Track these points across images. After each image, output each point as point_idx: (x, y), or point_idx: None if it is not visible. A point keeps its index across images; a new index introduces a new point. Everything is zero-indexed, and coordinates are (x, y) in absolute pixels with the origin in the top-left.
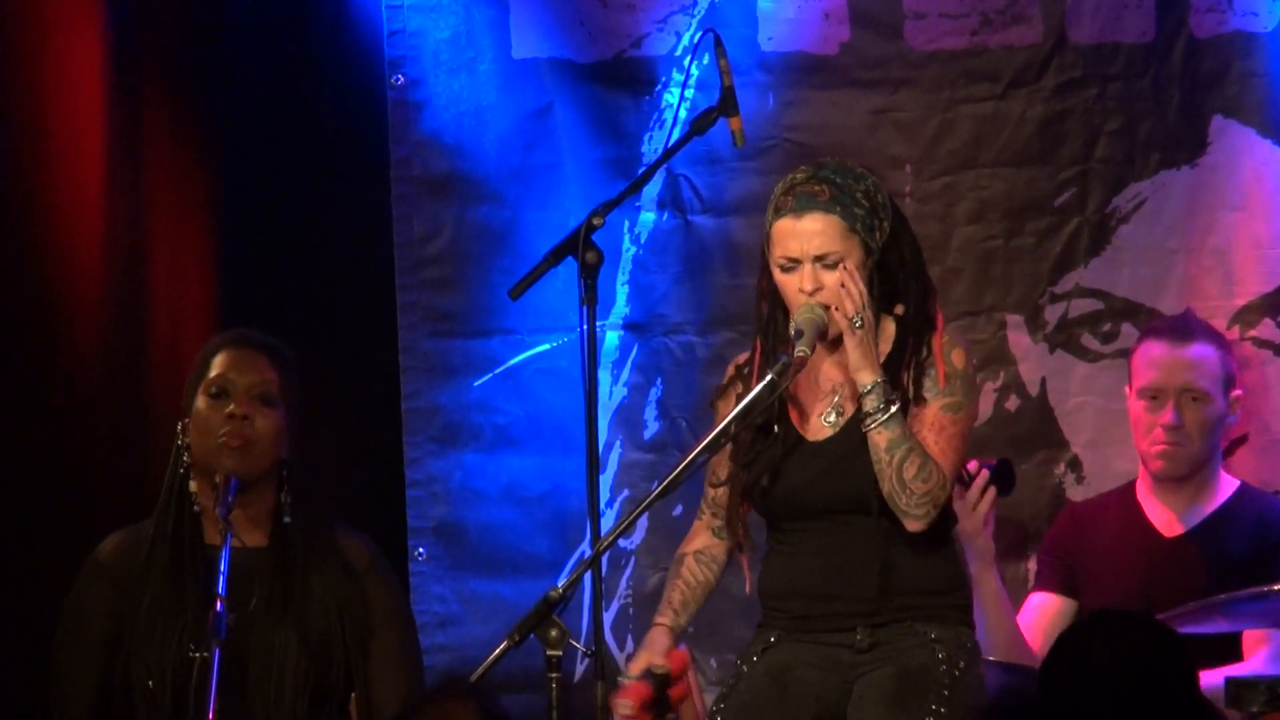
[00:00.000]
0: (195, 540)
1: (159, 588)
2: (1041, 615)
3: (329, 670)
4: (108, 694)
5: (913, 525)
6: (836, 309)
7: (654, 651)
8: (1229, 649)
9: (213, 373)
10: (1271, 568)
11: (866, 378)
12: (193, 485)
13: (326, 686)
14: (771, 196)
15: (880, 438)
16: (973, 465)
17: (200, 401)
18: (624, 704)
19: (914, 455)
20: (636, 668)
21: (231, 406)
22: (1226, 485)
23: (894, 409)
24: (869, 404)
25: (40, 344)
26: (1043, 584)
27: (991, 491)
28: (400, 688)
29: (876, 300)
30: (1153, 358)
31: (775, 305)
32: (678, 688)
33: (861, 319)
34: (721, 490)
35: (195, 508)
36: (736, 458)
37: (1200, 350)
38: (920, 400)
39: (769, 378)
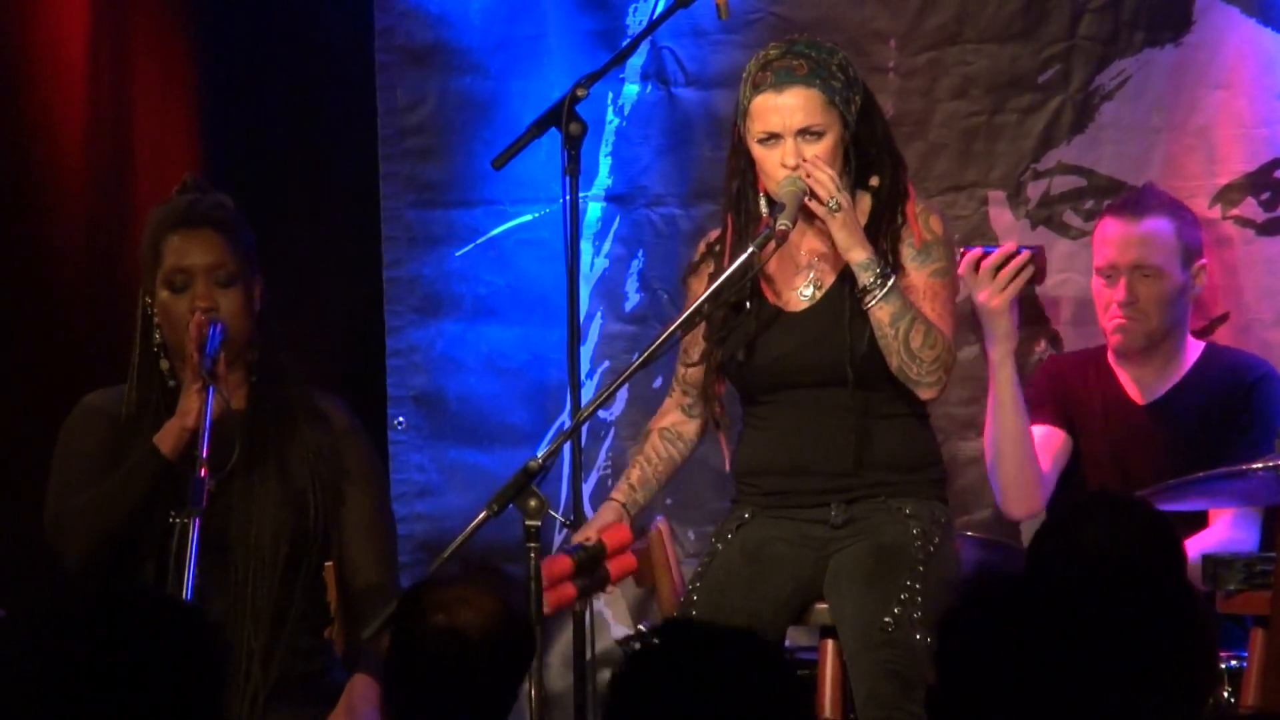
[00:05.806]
0: (172, 404)
1: (138, 449)
2: (1043, 443)
3: (305, 519)
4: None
5: (926, 394)
6: (810, 198)
7: (594, 526)
8: (1196, 513)
9: (167, 263)
10: (1249, 404)
11: (859, 255)
12: (164, 365)
13: (304, 538)
14: (745, 74)
15: (882, 312)
16: (1011, 245)
17: (164, 295)
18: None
19: (917, 324)
20: (576, 541)
21: (196, 300)
22: (1193, 349)
23: (891, 281)
24: (865, 279)
25: (22, 205)
26: (1041, 417)
27: (1027, 272)
28: (375, 552)
29: (853, 174)
30: (1107, 236)
31: (747, 182)
32: (618, 561)
33: (838, 201)
34: (694, 369)
35: (170, 383)
36: (710, 334)
37: (1153, 225)
38: (899, 269)
39: (750, 250)
